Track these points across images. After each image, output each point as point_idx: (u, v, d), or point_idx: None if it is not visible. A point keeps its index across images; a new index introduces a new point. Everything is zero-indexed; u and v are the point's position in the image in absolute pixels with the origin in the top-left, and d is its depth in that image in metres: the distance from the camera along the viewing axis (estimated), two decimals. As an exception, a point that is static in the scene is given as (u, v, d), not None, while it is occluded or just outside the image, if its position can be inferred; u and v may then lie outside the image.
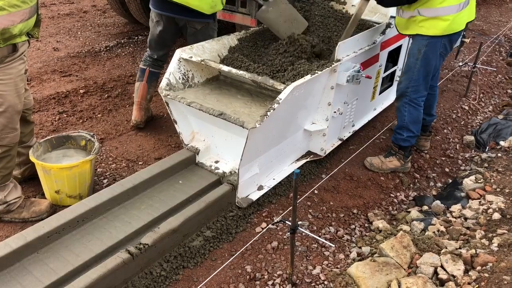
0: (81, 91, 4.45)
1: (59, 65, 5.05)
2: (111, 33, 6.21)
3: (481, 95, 5.00)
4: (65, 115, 4.00)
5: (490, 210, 2.87)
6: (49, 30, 6.17)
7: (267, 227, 2.75)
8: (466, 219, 2.91)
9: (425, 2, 3.05)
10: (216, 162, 3.02)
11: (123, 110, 4.16)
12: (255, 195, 2.88)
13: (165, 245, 2.38)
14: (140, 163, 3.38)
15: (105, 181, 3.16)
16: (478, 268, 2.30)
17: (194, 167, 3.00)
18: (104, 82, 4.68)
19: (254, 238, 2.60)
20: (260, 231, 2.73)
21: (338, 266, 2.55)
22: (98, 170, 3.27)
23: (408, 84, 3.29)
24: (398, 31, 3.39)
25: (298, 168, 3.17)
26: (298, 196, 2.62)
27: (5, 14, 2.24)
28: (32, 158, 2.78)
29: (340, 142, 3.54)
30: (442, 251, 2.45)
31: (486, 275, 2.23)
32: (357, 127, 3.81)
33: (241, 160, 2.63)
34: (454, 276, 2.28)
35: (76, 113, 4.05)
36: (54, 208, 2.84)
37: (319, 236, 2.76)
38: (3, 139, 2.55)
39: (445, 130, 4.22)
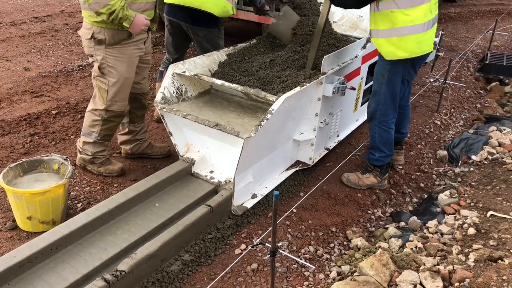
0: (53, 112, 4.35)
1: (30, 85, 4.94)
2: (84, 52, 6.10)
3: (452, 110, 5.13)
4: (37, 137, 3.89)
5: (465, 225, 2.92)
6: (19, 50, 6.04)
7: (247, 249, 2.72)
8: (442, 234, 2.95)
9: (377, 22, 2.94)
10: (211, 172, 3.09)
11: (97, 130, 4.08)
12: (249, 203, 2.97)
13: (143, 271, 2.32)
14: (115, 185, 3.31)
15: (79, 205, 3.08)
16: (456, 284, 2.32)
17: (190, 177, 3.06)
18: (77, 102, 4.59)
19: (235, 261, 2.56)
20: (240, 253, 2.70)
21: (319, 286, 2.54)
22: (72, 193, 3.18)
23: (376, 108, 3.32)
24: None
25: (277, 190, 3.18)
26: (277, 216, 2.61)
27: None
28: (2, 184, 2.69)
29: (326, 151, 3.64)
30: (421, 268, 2.47)
31: (464, 291, 2.26)
32: (341, 137, 3.92)
33: (236, 169, 2.71)
34: (433, 293, 2.29)
35: (49, 135, 3.95)
36: (124, 171, 3.39)
37: (299, 256, 2.75)
38: (113, 105, 3.13)
39: (419, 146, 4.30)
